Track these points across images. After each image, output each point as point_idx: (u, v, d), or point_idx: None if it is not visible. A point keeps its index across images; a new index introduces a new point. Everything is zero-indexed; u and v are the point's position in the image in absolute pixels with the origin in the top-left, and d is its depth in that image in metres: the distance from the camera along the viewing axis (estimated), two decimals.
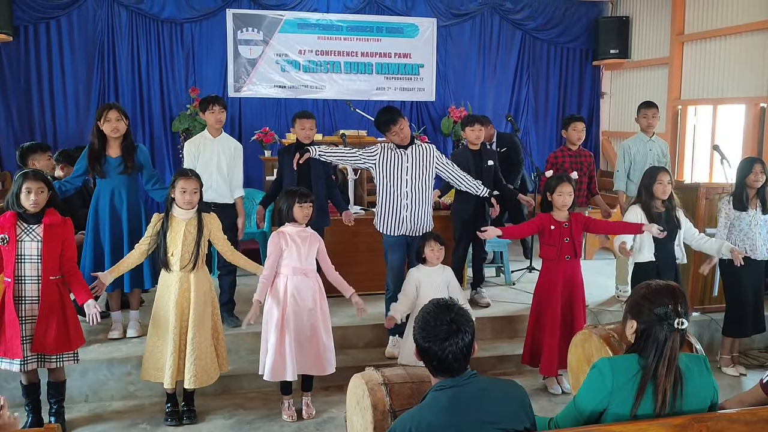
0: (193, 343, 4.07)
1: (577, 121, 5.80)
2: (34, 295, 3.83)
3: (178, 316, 4.07)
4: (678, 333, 2.29)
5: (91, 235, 4.81)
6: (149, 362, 4.17)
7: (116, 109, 4.71)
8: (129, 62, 8.32)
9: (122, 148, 4.76)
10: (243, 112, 8.67)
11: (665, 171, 4.64)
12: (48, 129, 8.09)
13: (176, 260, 4.07)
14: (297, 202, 4.14)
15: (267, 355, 4.14)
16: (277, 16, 8.67)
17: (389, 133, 4.79)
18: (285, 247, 4.14)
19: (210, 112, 5.02)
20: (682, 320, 2.28)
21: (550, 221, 4.49)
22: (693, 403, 2.31)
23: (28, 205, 3.76)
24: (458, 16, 9.24)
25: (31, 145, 5.21)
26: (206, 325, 4.19)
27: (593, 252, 7.85)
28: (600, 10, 9.66)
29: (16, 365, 3.84)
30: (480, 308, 5.77)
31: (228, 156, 5.10)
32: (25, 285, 3.82)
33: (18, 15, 7.74)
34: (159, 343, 4.13)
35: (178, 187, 4.05)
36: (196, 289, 4.11)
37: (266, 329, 4.19)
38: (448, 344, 2.17)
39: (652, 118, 5.80)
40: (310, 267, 4.23)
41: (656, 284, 2.40)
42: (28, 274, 3.81)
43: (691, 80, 8.23)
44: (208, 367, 4.15)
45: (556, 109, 9.71)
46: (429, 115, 9.30)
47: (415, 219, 4.85)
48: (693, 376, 2.34)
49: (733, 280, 4.99)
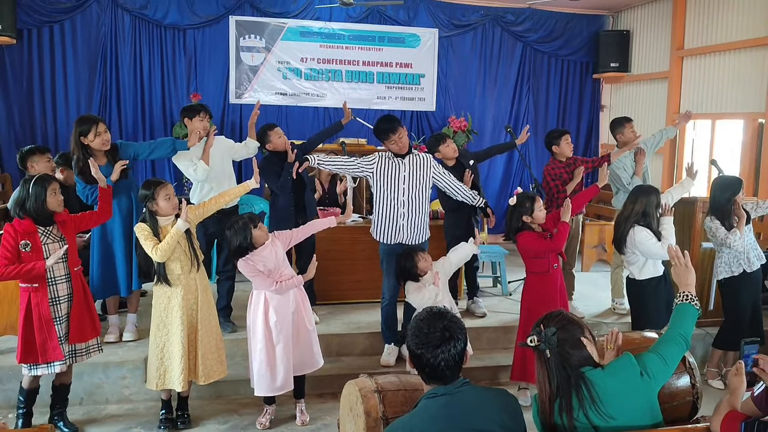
0: (203, 340, 4.13)
1: (567, 134, 5.88)
2: (65, 293, 3.94)
3: (186, 319, 4.09)
4: (539, 352, 2.33)
5: (99, 239, 4.82)
6: (152, 370, 4.16)
7: (102, 122, 4.70)
8: (131, 67, 8.36)
9: (108, 155, 4.74)
10: (244, 118, 8.69)
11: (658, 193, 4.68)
12: (49, 132, 8.11)
13: (177, 267, 4.07)
14: (253, 228, 4.03)
15: (255, 370, 4.15)
16: (279, 24, 8.72)
17: (388, 142, 4.82)
18: (262, 268, 4.09)
19: (198, 120, 5.06)
20: (531, 338, 2.33)
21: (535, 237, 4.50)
22: (625, 409, 2.33)
23: (56, 205, 3.86)
24: (460, 27, 9.30)
25: (31, 148, 5.23)
26: (213, 322, 4.25)
27: (590, 264, 7.86)
28: (601, 24, 9.72)
29: (58, 366, 3.92)
30: (476, 318, 5.79)
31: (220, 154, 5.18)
32: (58, 285, 3.91)
33: (22, 18, 7.78)
34: (162, 350, 4.12)
35: (161, 196, 4.02)
36: (202, 290, 4.16)
37: (252, 344, 4.19)
38: (440, 351, 2.19)
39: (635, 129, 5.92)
40: (285, 272, 4.17)
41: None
42: (59, 275, 3.91)
43: (691, 95, 8.27)
44: (218, 361, 4.24)
45: (555, 121, 9.74)
46: (429, 124, 9.34)
47: (412, 227, 4.87)
48: (615, 383, 2.35)
49: (733, 295, 5.01)
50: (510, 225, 4.60)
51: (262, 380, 4.13)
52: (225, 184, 5.12)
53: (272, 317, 4.11)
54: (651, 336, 3.26)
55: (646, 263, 4.60)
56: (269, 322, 4.11)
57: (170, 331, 4.09)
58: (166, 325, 4.10)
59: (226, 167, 5.31)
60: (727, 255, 5.00)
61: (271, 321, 4.11)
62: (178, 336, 4.06)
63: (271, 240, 4.16)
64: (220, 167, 5.19)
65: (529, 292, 4.69)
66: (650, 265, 4.62)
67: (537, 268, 4.60)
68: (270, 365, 4.09)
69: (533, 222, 4.51)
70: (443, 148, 5.60)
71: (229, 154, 5.32)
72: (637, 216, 4.54)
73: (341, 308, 5.85)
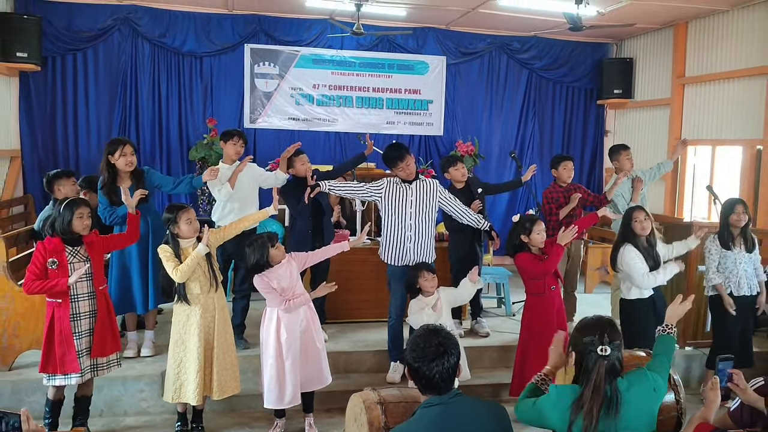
0: (218, 356, 4.34)
1: (567, 160, 6.12)
2: (87, 310, 4.18)
3: (203, 336, 4.31)
4: (603, 360, 2.55)
5: (117, 265, 5.09)
6: (169, 383, 4.38)
7: (130, 144, 5.03)
8: (150, 93, 8.68)
9: (132, 178, 5.05)
10: (258, 143, 8.98)
11: (640, 209, 4.87)
12: (71, 155, 8.43)
13: (197, 287, 4.31)
14: (270, 246, 4.30)
15: (266, 384, 4.37)
16: (293, 52, 9.05)
17: (396, 169, 5.07)
18: (276, 286, 4.32)
19: (231, 144, 5.36)
20: (605, 348, 2.54)
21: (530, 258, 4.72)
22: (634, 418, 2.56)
23: (81, 229, 4.12)
24: (467, 55, 9.59)
25: (58, 173, 5.53)
26: (229, 340, 4.47)
27: (593, 286, 8.05)
28: (605, 52, 9.98)
29: (75, 378, 4.15)
30: (480, 338, 5.99)
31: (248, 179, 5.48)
32: (80, 302, 4.15)
33: (47, 46, 8.13)
34: (179, 365, 4.34)
35: (183, 219, 4.28)
36: (219, 310, 4.40)
37: (264, 358, 4.42)
38: (435, 365, 2.42)
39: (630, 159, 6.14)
40: (298, 292, 4.40)
41: (588, 318, 2.71)
42: (81, 292, 4.16)
43: (691, 121, 8.49)
44: (232, 377, 4.44)
45: (560, 146, 9.97)
46: (437, 148, 9.60)
47: (418, 250, 5.09)
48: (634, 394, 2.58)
49: (721, 315, 5.20)
50: (510, 241, 4.84)
51: (271, 394, 4.35)
52: (248, 208, 5.41)
53: (283, 334, 4.33)
54: (639, 354, 3.47)
55: (631, 288, 4.83)
56: (280, 339, 4.33)
57: (188, 347, 4.32)
58: (184, 341, 4.33)
59: (253, 192, 5.58)
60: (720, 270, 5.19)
61: (282, 338, 4.33)
62: (194, 352, 4.29)
63: (287, 260, 4.41)
64: (246, 191, 5.48)
65: (528, 313, 4.92)
66: (628, 286, 4.85)
67: (534, 289, 4.83)
68: (279, 380, 4.31)
69: (531, 243, 4.73)
70: (453, 171, 5.87)
71: (257, 181, 5.60)
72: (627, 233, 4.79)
73: (350, 327, 6.07)
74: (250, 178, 5.53)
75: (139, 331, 5.40)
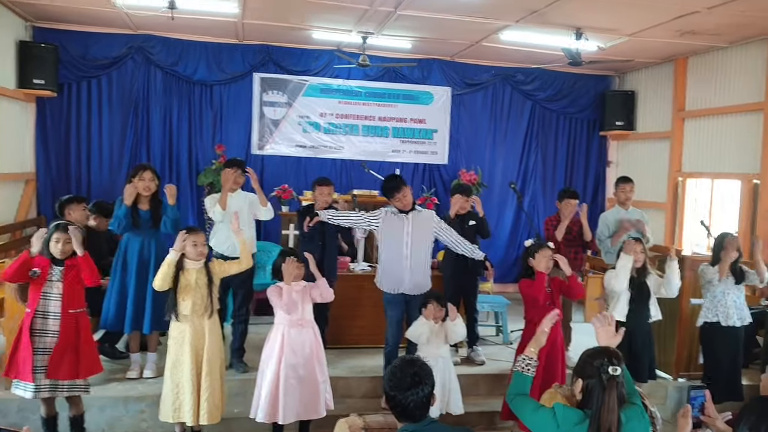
0: (207, 382, 4.45)
1: (571, 198, 6.22)
2: (55, 329, 4.29)
3: (195, 359, 4.44)
4: (615, 381, 2.66)
5: (118, 281, 5.28)
6: (168, 404, 4.50)
7: (151, 170, 5.31)
8: (161, 119, 8.94)
9: (151, 203, 5.28)
10: (265, 169, 9.20)
11: (638, 241, 5.04)
12: (83, 179, 8.67)
13: (188, 307, 4.47)
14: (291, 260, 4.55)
15: (261, 398, 4.50)
16: (301, 81, 9.29)
17: (393, 199, 5.23)
18: (286, 299, 4.51)
19: (231, 171, 5.56)
20: (615, 368, 2.66)
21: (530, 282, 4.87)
22: None
23: (55, 252, 4.29)
24: (471, 86, 9.79)
25: (68, 198, 5.75)
26: (218, 366, 4.58)
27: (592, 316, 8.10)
28: (607, 84, 10.16)
29: (30, 392, 4.26)
30: (475, 366, 6.10)
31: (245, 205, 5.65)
32: (48, 320, 4.29)
33: (63, 74, 8.41)
34: (178, 385, 4.47)
35: (190, 240, 4.49)
36: (211, 333, 4.52)
37: (261, 376, 4.56)
38: (410, 393, 2.56)
39: (629, 192, 6.24)
40: (306, 318, 4.60)
41: (594, 347, 2.80)
42: (52, 310, 4.30)
43: (691, 154, 8.62)
44: (218, 404, 4.54)
45: (563, 176, 10.12)
46: (441, 177, 9.76)
47: (414, 278, 5.22)
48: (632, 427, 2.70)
49: (709, 345, 5.30)
50: (522, 264, 5.04)
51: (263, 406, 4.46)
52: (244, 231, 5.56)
53: (287, 353, 4.47)
54: None
55: (615, 307, 4.97)
56: (282, 358, 4.47)
57: (183, 368, 4.45)
58: (181, 362, 4.47)
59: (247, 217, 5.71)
60: (709, 299, 5.32)
61: (284, 357, 4.47)
62: (188, 373, 4.42)
63: (306, 285, 4.64)
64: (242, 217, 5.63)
65: (525, 340, 5.04)
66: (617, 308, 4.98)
67: (531, 316, 4.96)
68: (271, 396, 4.44)
69: (536, 267, 4.87)
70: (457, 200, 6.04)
71: (251, 208, 5.74)
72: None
73: (347, 352, 6.19)
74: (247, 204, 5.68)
75: (142, 353, 5.55)
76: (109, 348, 5.78)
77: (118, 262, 5.31)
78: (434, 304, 4.97)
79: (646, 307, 5.06)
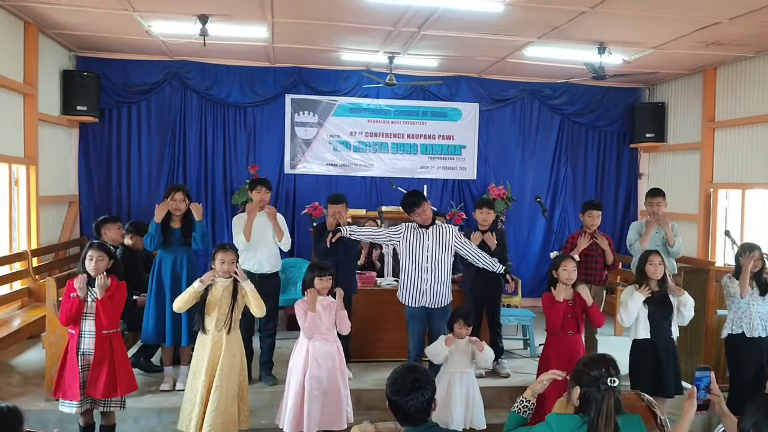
0: (215, 397, 4.49)
1: (593, 209, 6.24)
2: (91, 347, 4.47)
3: (209, 372, 4.56)
4: (612, 391, 2.74)
5: (154, 298, 5.53)
6: (184, 414, 4.65)
7: (182, 191, 5.55)
8: (197, 141, 9.28)
9: (183, 221, 5.54)
10: (297, 187, 9.45)
11: (656, 253, 5.04)
12: (123, 201, 9.05)
13: (212, 322, 4.64)
14: (317, 276, 4.74)
15: (287, 410, 4.65)
16: (331, 101, 9.53)
17: (413, 214, 5.37)
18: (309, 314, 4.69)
19: (256, 192, 5.76)
20: (613, 379, 2.74)
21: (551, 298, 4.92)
22: None
23: (89, 269, 4.48)
24: (499, 102, 9.88)
25: (104, 218, 6.08)
26: (232, 383, 4.60)
27: (622, 329, 8.07)
28: (637, 97, 10.14)
29: (74, 407, 4.47)
30: (500, 378, 6.16)
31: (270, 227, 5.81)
32: (85, 339, 4.49)
33: (105, 100, 8.83)
34: (191, 396, 4.62)
35: (218, 258, 4.66)
36: (227, 349, 4.62)
37: (288, 387, 4.73)
38: (410, 398, 2.68)
39: (656, 206, 6.19)
40: (330, 332, 4.76)
41: (591, 355, 2.88)
42: (87, 329, 4.49)
43: (722, 164, 8.55)
44: (226, 421, 4.53)
45: (594, 190, 10.10)
46: (470, 192, 9.85)
47: (435, 292, 5.34)
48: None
49: (734, 356, 5.27)
50: (548, 276, 5.11)
51: (288, 417, 4.62)
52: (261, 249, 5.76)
53: (311, 366, 4.62)
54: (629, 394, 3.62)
55: (637, 329, 4.97)
56: (306, 370, 4.63)
57: (199, 381, 4.57)
58: (198, 375, 4.59)
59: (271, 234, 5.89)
60: (734, 311, 5.29)
61: (309, 369, 4.62)
62: (200, 386, 4.53)
63: (331, 301, 4.80)
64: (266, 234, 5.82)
65: (545, 351, 5.10)
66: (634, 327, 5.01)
67: (550, 328, 5.01)
68: (296, 407, 4.59)
69: (559, 279, 4.94)
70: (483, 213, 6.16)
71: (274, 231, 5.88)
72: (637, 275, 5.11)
73: (373, 366, 6.32)
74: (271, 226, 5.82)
75: (174, 367, 5.77)
76: (145, 362, 6.03)
77: (153, 279, 5.57)
78: (460, 323, 5.06)
79: (668, 321, 5.05)
